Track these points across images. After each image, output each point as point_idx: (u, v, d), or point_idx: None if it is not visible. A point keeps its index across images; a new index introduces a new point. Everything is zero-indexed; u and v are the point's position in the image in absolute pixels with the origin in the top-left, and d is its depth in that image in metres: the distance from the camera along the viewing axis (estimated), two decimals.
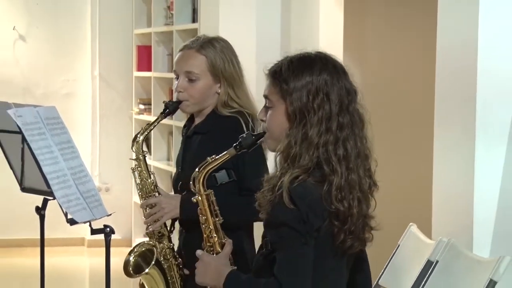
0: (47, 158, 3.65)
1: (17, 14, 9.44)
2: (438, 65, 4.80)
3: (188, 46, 3.98)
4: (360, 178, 2.91)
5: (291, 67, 2.93)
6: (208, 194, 3.21)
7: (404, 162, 6.89)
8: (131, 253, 3.81)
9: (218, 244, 3.18)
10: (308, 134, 2.86)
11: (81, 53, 9.63)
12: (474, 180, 4.48)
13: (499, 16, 4.46)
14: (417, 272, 4.47)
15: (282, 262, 2.83)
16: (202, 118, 3.97)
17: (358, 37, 7.03)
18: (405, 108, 7.09)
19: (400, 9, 7.26)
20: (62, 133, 3.75)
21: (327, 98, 2.88)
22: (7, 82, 9.33)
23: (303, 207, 2.80)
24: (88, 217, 3.68)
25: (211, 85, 3.91)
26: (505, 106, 4.46)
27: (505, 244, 4.44)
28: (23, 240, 8.48)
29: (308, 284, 2.82)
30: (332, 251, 2.90)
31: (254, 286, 2.93)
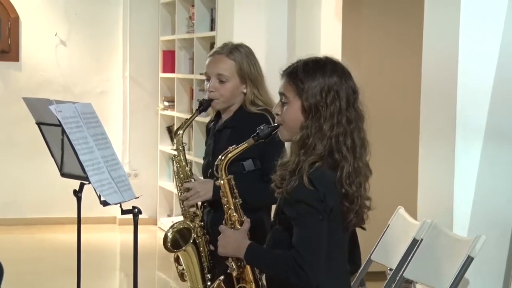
0: (84, 148, 3.67)
1: (58, 22, 9.42)
2: (424, 72, 4.80)
3: (218, 52, 3.97)
4: (364, 165, 2.95)
5: (306, 69, 2.93)
6: (229, 179, 3.20)
7: (394, 155, 6.88)
8: (170, 230, 3.76)
9: (238, 222, 3.17)
10: (321, 127, 2.87)
11: (114, 57, 9.61)
12: (455, 170, 4.48)
13: (476, 31, 4.47)
14: (404, 249, 4.47)
15: (301, 235, 2.84)
16: (229, 114, 3.96)
17: (354, 44, 7.03)
18: (394, 107, 7.09)
19: (391, 21, 7.25)
20: (96, 126, 3.76)
21: (337, 95, 2.90)
22: (50, 82, 9.33)
23: (321, 188, 2.82)
24: (119, 199, 3.69)
25: (238, 85, 3.90)
26: (481, 108, 4.47)
27: (481, 225, 4.44)
28: (63, 218, 8.48)
29: (323, 255, 2.84)
30: (341, 227, 2.92)
31: (271, 256, 2.94)
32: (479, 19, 4.47)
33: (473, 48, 4.48)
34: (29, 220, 9.25)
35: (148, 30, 9.48)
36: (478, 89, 4.48)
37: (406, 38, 6.87)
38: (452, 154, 4.49)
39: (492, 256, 4.43)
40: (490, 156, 4.49)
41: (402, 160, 6.30)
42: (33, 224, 9.18)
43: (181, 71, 8.92)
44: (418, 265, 4.41)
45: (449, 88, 4.52)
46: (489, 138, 4.48)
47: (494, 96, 4.48)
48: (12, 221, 9.13)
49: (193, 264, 3.72)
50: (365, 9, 7.43)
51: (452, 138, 4.49)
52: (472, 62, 4.48)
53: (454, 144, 4.48)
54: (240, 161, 3.58)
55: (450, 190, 4.50)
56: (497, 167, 4.50)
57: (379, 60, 7.25)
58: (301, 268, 2.83)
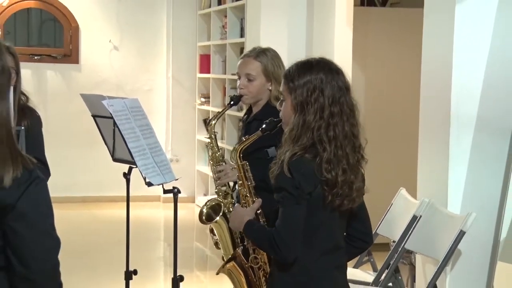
0: (131, 137, 3.66)
1: (112, 31, 9.44)
2: (423, 72, 4.77)
3: (247, 55, 3.96)
4: (347, 154, 2.81)
5: (296, 69, 2.84)
6: (243, 164, 3.18)
7: (398, 144, 6.86)
8: (204, 206, 3.76)
9: (251, 201, 3.14)
10: (306, 121, 2.79)
11: (159, 60, 9.62)
12: (449, 156, 4.45)
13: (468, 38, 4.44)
14: (406, 224, 4.46)
15: (280, 217, 2.78)
16: (258, 108, 3.93)
17: (363, 48, 7.00)
18: (398, 103, 7.06)
19: (395, 29, 7.24)
20: (142, 118, 3.73)
21: (322, 93, 2.79)
22: (105, 81, 9.36)
23: (297, 176, 2.73)
24: (161, 180, 3.67)
25: (264, 83, 3.88)
26: (472, 103, 4.44)
27: (472, 204, 4.40)
28: (114, 197, 8.53)
29: (298, 235, 2.77)
30: (324, 209, 2.81)
31: (261, 231, 2.90)
32: (471, 27, 4.43)
33: (465, 52, 4.44)
34: (86, 198, 9.33)
35: (188, 37, 9.48)
36: (470, 87, 4.45)
37: (407, 44, 6.84)
38: (447, 142, 4.46)
39: (481, 231, 4.40)
40: (480, 144, 4.46)
41: (404, 148, 6.26)
42: (90, 201, 9.27)
43: (215, 72, 8.92)
44: (417, 238, 4.40)
45: (444, 86, 4.49)
46: (479, 128, 4.45)
47: (484, 93, 4.44)
48: (72, 199, 9.18)
49: (225, 234, 3.72)
50: (372, 19, 7.42)
51: (447, 128, 4.45)
52: (465, 64, 4.45)
53: (448, 133, 4.44)
54: (265, 148, 3.54)
55: (445, 174, 4.47)
56: (485, 153, 4.46)
57: (384, 62, 7.24)
58: (277, 246, 2.76)
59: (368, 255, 4.75)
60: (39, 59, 9.31)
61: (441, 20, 4.58)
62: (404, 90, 6.96)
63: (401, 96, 7.00)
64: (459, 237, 4.11)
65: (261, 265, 3.18)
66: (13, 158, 2.06)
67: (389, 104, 7.12)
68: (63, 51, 9.40)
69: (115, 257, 4.66)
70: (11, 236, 2.06)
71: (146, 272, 4.75)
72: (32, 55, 9.29)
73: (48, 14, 9.40)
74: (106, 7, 9.44)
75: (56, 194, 8.34)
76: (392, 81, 7.16)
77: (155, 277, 6.16)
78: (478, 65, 4.43)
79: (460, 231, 4.10)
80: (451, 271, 4.45)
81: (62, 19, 9.38)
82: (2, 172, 2.03)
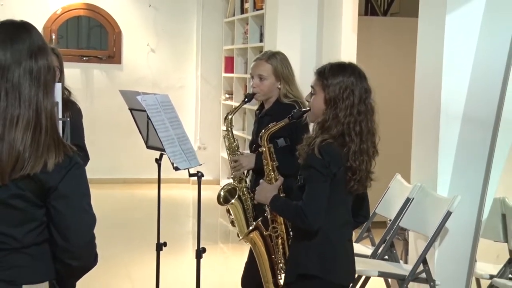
0: (162, 127, 3.64)
1: (149, 35, 9.44)
2: (417, 73, 4.75)
3: (260, 58, 3.93)
4: (368, 147, 2.87)
5: (331, 70, 2.88)
6: (269, 147, 3.20)
7: (395, 136, 6.82)
8: (221, 190, 3.75)
9: (274, 179, 3.16)
10: (337, 115, 2.82)
11: (189, 61, 9.61)
12: (439, 146, 4.43)
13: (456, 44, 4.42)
14: (400, 205, 4.45)
15: (308, 191, 2.80)
16: (269, 104, 3.91)
17: (366, 51, 6.96)
18: (396, 101, 7.02)
19: (394, 35, 7.20)
20: (171, 111, 3.72)
21: (352, 93, 2.84)
22: (142, 79, 9.35)
23: (327, 157, 2.77)
24: (187, 165, 3.66)
25: (274, 83, 3.85)
26: (459, 100, 4.41)
27: (458, 188, 4.38)
28: (148, 178, 8.40)
29: (323, 207, 2.79)
30: (343, 191, 2.85)
31: (287, 204, 2.91)
32: (459, 36, 4.41)
33: (453, 58, 4.42)
34: (126, 180, 9.35)
35: (214, 42, 9.46)
36: (457, 87, 4.43)
37: (405, 49, 6.77)
38: (437, 135, 4.43)
39: (466, 211, 4.38)
40: (465, 136, 4.43)
41: (400, 139, 6.21)
42: (128, 183, 9.28)
43: (238, 72, 8.89)
44: (410, 217, 4.38)
45: (435, 86, 4.47)
46: (465, 123, 4.43)
47: (469, 92, 4.42)
48: (114, 180, 9.23)
49: (239, 214, 3.71)
50: (375, 26, 7.39)
51: (437, 123, 4.43)
52: (453, 68, 4.42)
53: (438, 127, 4.42)
54: (275, 139, 3.52)
55: (435, 161, 4.44)
56: (470, 144, 4.44)
57: (385, 65, 7.21)
58: (305, 216, 2.78)
59: (367, 232, 4.73)
60: (87, 60, 9.33)
61: (432, 29, 4.54)
62: (401, 90, 6.91)
63: (399, 95, 6.96)
64: (446, 216, 4.09)
65: (279, 234, 3.21)
66: (56, 145, 2.05)
67: (389, 102, 7.08)
68: (107, 53, 9.41)
69: (148, 231, 4.66)
70: (53, 214, 2.05)
71: (175, 244, 4.75)
72: (81, 56, 9.32)
73: (95, 21, 9.42)
74: (145, 15, 9.43)
75: (101, 176, 8.54)
76: (391, 82, 7.12)
77: (183, 249, 6.17)
78: (464, 69, 4.41)
79: (447, 211, 4.09)
80: (439, 246, 4.43)
81: (107, 26, 9.39)
82: (46, 157, 2.01)
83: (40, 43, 2.08)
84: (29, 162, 1.99)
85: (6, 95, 2.01)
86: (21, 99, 2.01)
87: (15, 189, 2.01)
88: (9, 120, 2.00)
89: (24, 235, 2.05)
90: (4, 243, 2.04)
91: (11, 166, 1.99)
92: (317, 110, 2.91)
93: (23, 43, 2.04)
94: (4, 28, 2.07)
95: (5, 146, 1.98)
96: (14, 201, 2.02)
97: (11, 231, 2.04)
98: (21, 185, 2.01)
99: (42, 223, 2.07)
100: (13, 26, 2.08)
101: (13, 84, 2.01)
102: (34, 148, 2.00)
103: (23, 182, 2.01)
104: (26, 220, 2.05)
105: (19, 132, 1.99)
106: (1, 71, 2.01)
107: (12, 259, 2.05)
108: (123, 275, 5.61)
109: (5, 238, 2.04)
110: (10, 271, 2.06)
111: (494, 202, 4.36)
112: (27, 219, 2.05)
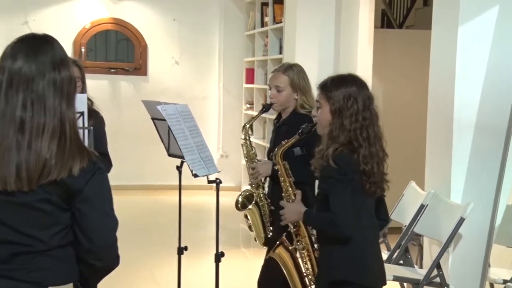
0: (181, 136, 3.62)
1: (174, 48, 9.46)
2: (430, 82, 4.71)
3: (277, 70, 3.91)
4: (377, 151, 2.86)
5: (333, 82, 2.90)
6: (284, 164, 3.20)
7: (409, 145, 6.78)
8: (239, 196, 3.76)
9: (292, 194, 3.15)
10: (343, 123, 2.83)
11: (212, 72, 9.61)
12: (452, 154, 4.39)
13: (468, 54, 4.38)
14: (414, 211, 4.41)
15: (334, 201, 2.78)
16: (286, 115, 3.88)
17: (382, 63, 6.93)
18: (410, 110, 6.98)
19: (408, 47, 7.16)
20: (190, 120, 3.71)
21: (356, 101, 2.85)
22: (167, 90, 9.36)
23: (342, 165, 2.77)
24: (205, 172, 3.65)
25: (291, 94, 3.82)
26: (472, 109, 4.38)
27: (471, 194, 4.34)
28: (170, 185, 8.36)
29: (351, 212, 2.77)
30: (363, 195, 2.84)
31: (320, 217, 2.89)
32: (471, 46, 4.37)
33: (466, 67, 4.37)
34: (148, 186, 9.35)
35: (236, 54, 9.44)
36: (470, 96, 4.38)
37: (419, 60, 6.74)
38: (450, 143, 4.39)
39: (479, 218, 4.33)
40: (478, 144, 4.38)
41: (415, 148, 6.17)
42: (151, 189, 9.27)
43: (258, 83, 8.87)
44: (424, 223, 4.33)
45: (448, 95, 4.43)
46: (478, 131, 4.38)
47: (482, 102, 4.37)
48: (138, 187, 9.24)
49: (256, 219, 3.71)
50: (390, 37, 7.36)
51: (450, 131, 4.39)
52: (466, 77, 4.38)
53: (452, 135, 4.38)
54: (291, 148, 3.50)
55: (449, 169, 4.40)
56: (483, 152, 4.39)
57: (400, 75, 7.18)
58: (337, 225, 2.77)
59: (383, 237, 4.69)
60: (115, 71, 9.37)
61: (445, 39, 4.51)
62: (416, 100, 6.86)
63: (414, 104, 6.91)
64: (460, 223, 4.04)
65: (304, 246, 3.18)
66: (80, 152, 2.06)
67: (404, 111, 7.06)
68: (134, 65, 9.44)
69: (170, 235, 4.66)
70: (78, 216, 2.07)
71: (196, 248, 4.74)
72: (109, 68, 9.36)
73: (122, 35, 9.46)
74: (169, 29, 9.46)
75: (125, 183, 8.55)
76: (406, 92, 7.09)
77: (203, 253, 6.12)
78: (477, 78, 4.37)
79: (461, 218, 4.04)
80: (453, 252, 4.38)
81: (133, 39, 9.43)
82: (71, 164, 2.03)
83: (62, 55, 2.10)
84: (56, 169, 2.01)
85: (32, 105, 2.02)
86: (46, 109, 2.03)
87: (43, 194, 2.03)
88: (35, 129, 2.02)
89: (50, 237, 2.07)
90: (31, 246, 2.06)
91: (38, 172, 2.01)
92: (324, 121, 2.91)
93: (46, 55, 2.06)
94: (28, 41, 2.09)
95: (32, 154, 2.00)
96: (41, 205, 2.04)
97: (38, 234, 2.06)
98: (49, 190, 2.03)
99: (67, 227, 2.09)
100: (37, 40, 2.10)
101: (38, 95, 2.03)
102: (60, 155, 2.02)
103: (50, 187, 2.03)
104: (52, 223, 2.07)
105: (45, 141, 2.01)
106: (26, 83, 2.03)
107: (39, 261, 2.07)
108: (147, 277, 5.60)
109: (32, 240, 2.06)
110: (37, 273, 2.07)
111: (507, 208, 4.30)
112: (53, 222, 2.07)
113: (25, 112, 2.01)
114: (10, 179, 1.99)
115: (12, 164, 2.00)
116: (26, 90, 2.02)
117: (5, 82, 2.02)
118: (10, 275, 2.05)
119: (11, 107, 2.01)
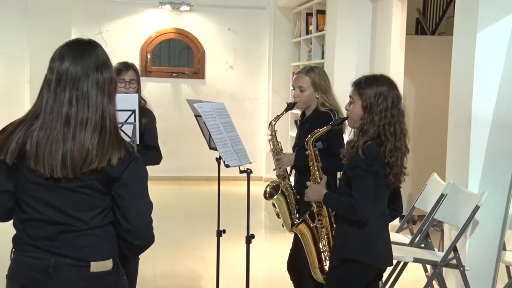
0: (215, 130, 3.63)
1: (228, 54, 9.50)
2: (452, 85, 4.64)
3: (300, 71, 3.88)
4: (401, 145, 2.84)
5: (366, 81, 2.88)
6: (314, 150, 3.18)
7: (434, 140, 6.67)
8: (267, 186, 3.75)
9: (319, 177, 3.14)
10: (373, 118, 2.81)
11: (262, 76, 9.62)
12: (470, 148, 4.31)
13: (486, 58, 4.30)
14: (435, 200, 4.35)
15: (356, 188, 2.78)
16: (309, 112, 3.86)
17: (412, 67, 6.85)
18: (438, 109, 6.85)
19: (440, 53, 7.04)
20: (225, 117, 3.70)
21: (386, 99, 2.82)
22: (222, 91, 9.40)
23: (370, 157, 2.76)
24: (237, 163, 3.63)
25: (312, 93, 3.79)
26: (488, 109, 4.31)
27: (487, 185, 4.26)
28: (210, 176, 8.38)
29: (370, 200, 2.77)
30: (383, 185, 2.83)
31: (339, 200, 2.88)
32: (488, 50, 4.29)
33: (484, 69, 4.30)
34: (188, 177, 9.29)
35: (284, 59, 9.43)
36: (487, 95, 4.30)
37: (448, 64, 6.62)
38: (468, 138, 4.31)
39: (494, 205, 4.25)
40: (494, 139, 4.30)
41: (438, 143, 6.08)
42: (191, 180, 9.23)
43: None
44: (444, 210, 4.26)
45: (467, 95, 4.35)
46: (493, 127, 4.30)
47: (498, 100, 4.29)
48: (177, 178, 9.14)
49: (283, 207, 3.69)
50: (421, 43, 7.26)
51: (469, 127, 4.31)
52: (483, 78, 4.30)
53: (470, 131, 4.31)
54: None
55: (467, 162, 4.32)
56: (498, 146, 4.30)
57: (430, 78, 7.07)
58: (355, 209, 2.77)
59: (407, 223, 4.64)
60: (176, 75, 9.46)
61: (465, 44, 4.43)
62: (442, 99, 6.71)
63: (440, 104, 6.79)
64: (475, 210, 3.97)
65: (324, 225, 3.19)
66: (118, 143, 2.08)
67: (432, 110, 6.96)
68: (193, 70, 9.53)
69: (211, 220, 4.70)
70: (117, 199, 2.10)
71: (233, 231, 4.78)
72: (172, 72, 9.46)
73: (183, 43, 9.56)
74: (224, 38, 9.50)
75: (172, 174, 8.60)
76: (435, 92, 6.98)
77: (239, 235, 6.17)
78: (493, 79, 4.29)
79: (476, 205, 3.97)
80: (470, 236, 4.30)
81: (193, 47, 9.53)
82: (110, 154, 2.05)
83: (104, 58, 2.12)
84: (97, 158, 2.04)
85: (77, 102, 2.06)
86: (89, 105, 2.06)
87: (86, 180, 2.06)
88: (79, 123, 2.04)
89: (91, 218, 2.10)
90: (75, 226, 2.09)
91: (81, 161, 2.03)
92: (355, 116, 2.89)
93: (91, 58, 2.09)
94: (75, 45, 2.12)
95: (77, 145, 2.03)
96: (84, 190, 2.07)
97: (80, 215, 2.09)
98: (91, 177, 2.06)
99: (105, 209, 2.12)
100: (82, 44, 2.13)
101: (82, 93, 2.06)
102: (101, 146, 2.04)
103: (92, 175, 2.06)
104: (93, 206, 2.10)
105: (88, 133, 2.04)
106: (72, 82, 2.06)
107: (82, 240, 2.10)
108: (197, 256, 5.65)
109: (75, 221, 2.09)
110: (81, 249, 2.10)
111: None
112: (94, 205, 2.10)
113: (70, 108, 2.04)
114: (56, 167, 2.03)
115: (58, 153, 2.03)
116: (72, 88, 2.05)
117: (54, 81, 2.06)
118: (57, 251, 2.10)
119: (59, 103, 2.05)
